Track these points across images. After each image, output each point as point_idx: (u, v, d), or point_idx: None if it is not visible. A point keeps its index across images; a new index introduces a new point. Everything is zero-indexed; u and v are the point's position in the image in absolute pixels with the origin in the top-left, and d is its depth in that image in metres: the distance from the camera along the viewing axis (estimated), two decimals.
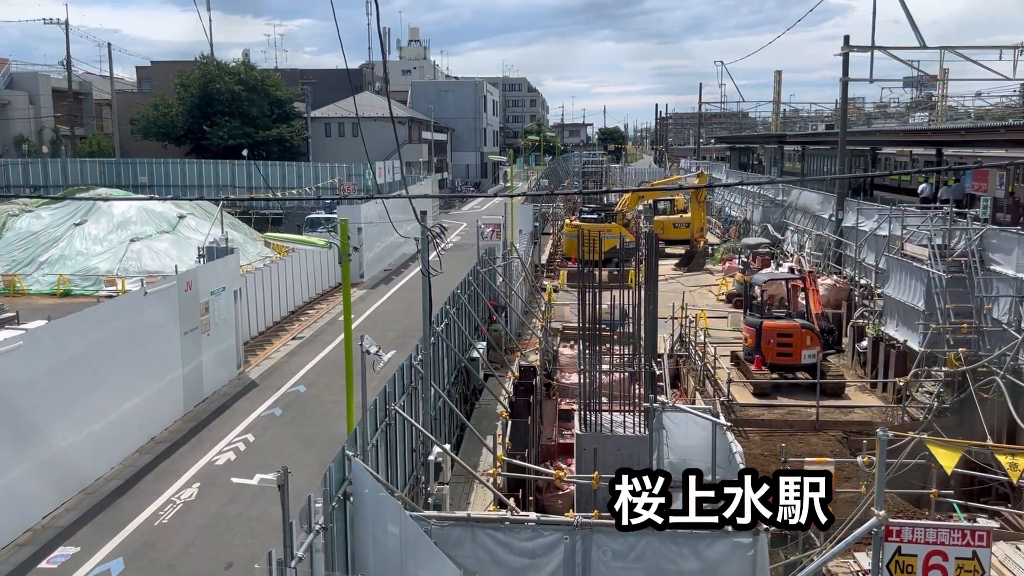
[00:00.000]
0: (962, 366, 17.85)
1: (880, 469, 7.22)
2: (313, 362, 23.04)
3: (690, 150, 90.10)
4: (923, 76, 38.85)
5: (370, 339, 11.24)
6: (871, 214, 26.42)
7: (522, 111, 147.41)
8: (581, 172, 72.66)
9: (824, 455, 15.65)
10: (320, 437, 17.00)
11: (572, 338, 23.58)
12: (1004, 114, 55.96)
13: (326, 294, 31.91)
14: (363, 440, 9.70)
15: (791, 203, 37.02)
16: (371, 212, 34.07)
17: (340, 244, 12.57)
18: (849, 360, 23.66)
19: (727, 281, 32.08)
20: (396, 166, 53.83)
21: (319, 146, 64.37)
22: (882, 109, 68.57)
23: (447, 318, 16.87)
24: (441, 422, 15.47)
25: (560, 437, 19.29)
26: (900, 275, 21.39)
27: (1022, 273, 18.13)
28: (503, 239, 28.49)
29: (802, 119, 78.77)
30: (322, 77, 73.58)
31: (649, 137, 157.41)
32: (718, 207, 52.24)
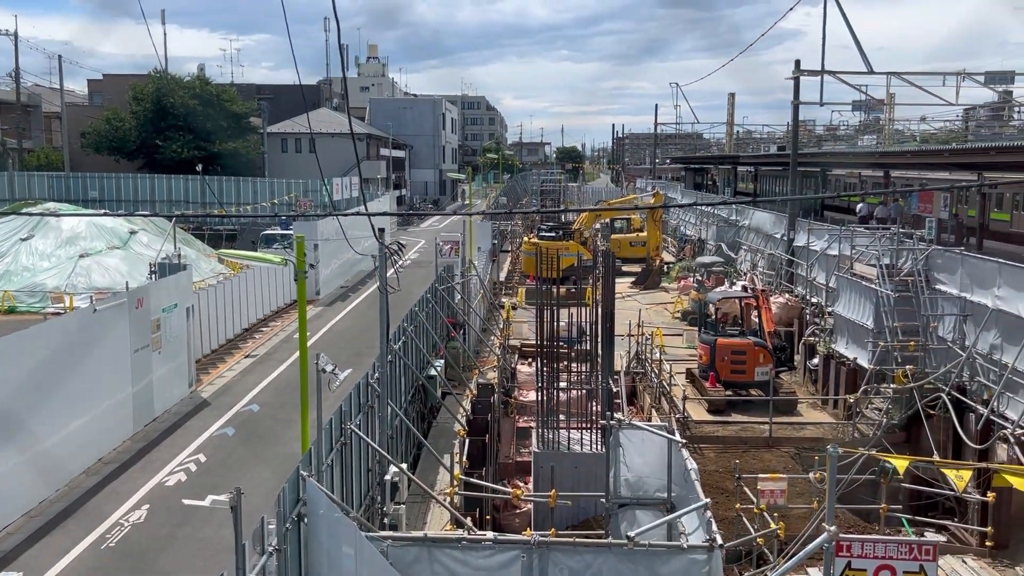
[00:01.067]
0: (909, 383, 18.28)
1: (830, 485, 7.35)
2: (267, 380, 22.72)
3: (646, 170, 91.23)
4: (871, 100, 39.96)
5: (326, 357, 11.13)
6: (821, 234, 27.00)
7: (481, 129, 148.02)
8: (539, 190, 73.07)
9: (777, 471, 15.88)
10: (274, 457, 16.74)
11: (530, 355, 23.64)
12: (948, 138, 57.68)
13: (281, 311, 31.53)
14: (318, 460, 9.59)
15: (744, 223, 37.67)
16: (328, 229, 33.82)
17: (296, 261, 12.46)
18: (801, 377, 24.06)
19: (682, 299, 32.46)
20: (354, 182, 53.59)
21: (275, 162, 63.81)
22: (832, 132, 70.23)
23: (404, 336, 16.79)
24: (398, 441, 15.36)
25: (518, 455, 19.27)
26: (850, 294, 21.87)
27: (966, 292, 18.66)
28: (461, 256, 28.51)
29: (755, 140, 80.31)
30: (279, 92, 73.03)
31: (606, 156, 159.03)
32: (673, 226, 52.92)
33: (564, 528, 12.37)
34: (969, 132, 59.96)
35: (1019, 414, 15.74)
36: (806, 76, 29.36)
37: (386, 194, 60.99)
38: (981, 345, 17.74)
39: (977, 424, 16.62)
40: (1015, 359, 16.38)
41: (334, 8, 8.81)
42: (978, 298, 18.13)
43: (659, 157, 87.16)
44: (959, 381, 17.79)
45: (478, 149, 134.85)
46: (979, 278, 18.26)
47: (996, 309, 17.31)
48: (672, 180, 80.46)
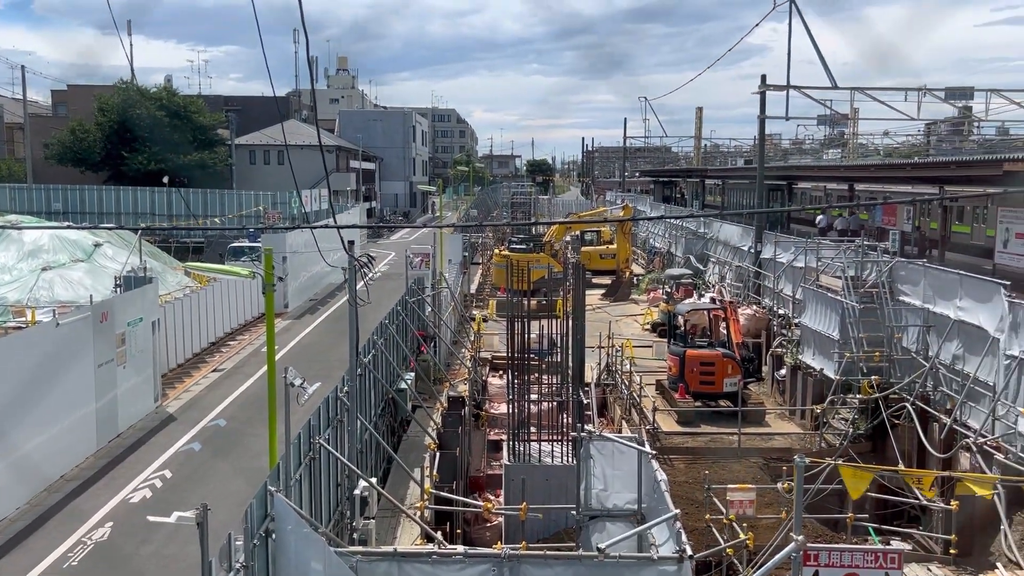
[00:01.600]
0: (875, 393, 18.55)
1: (797, 495, 7.43)
2: (234, 395, 22.45)
3: (616, 183, 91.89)
4: (835, 114, 40.64)
5: (294, 371, 11.04)
6: (788, 246, 27.36)
7: (451, 142, 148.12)
8: (510, 203, 73.26)
9: (746, 482, 15.98)
10: (241, 472, 16.53)
11: (501, 368, 23.62)
12: (910, 152, 58.91)
13: (249, 324, 31.21)
14: (286, 475, 9.50)
15: (712, 235, 38.06)
16: (297, 241, 33.59)
17: (264, 274, 12.36)
18: (769, 388, 24.31)
19: (652, 311, 32.66)
20: (323, 194, 53.32)
21: (244, 174, 63.30)
22: (798, 145, 71.36)
23: (374, 349, 16.70)
24: (367, 455, 15.24)
25: (489, 468, 19.22)
26: (816, 305, 22.17)
27: (929, 304, 19.00)
28: (432, 269, 28.45)
29: (722, 154, 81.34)
30: (247, 104, 72.57)
31: (576, 169, 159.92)
32: (643, 238, 53.31)
33: (535, 541, 12.34)
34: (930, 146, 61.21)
35: (981, 423, 16.04)
36: (772, 91, 29.82)
37: (356, 206, 60.70)
38: (944, 355, 18.07)
39: (941, 433, 16.90)
40: (976, 369, 16.71)
41: (302, 20, 8.77)
42: (940, 309, 18.47)
43: (628, 170, 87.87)
44: (923, 391, 18.10)
45: (448, 161, 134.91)
46: (941, 289, 18.62)
47: (958, 320, 17.65)
48: (641, 193, 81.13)
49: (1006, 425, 15.41)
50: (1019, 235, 26.78)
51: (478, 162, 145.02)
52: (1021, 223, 26.71)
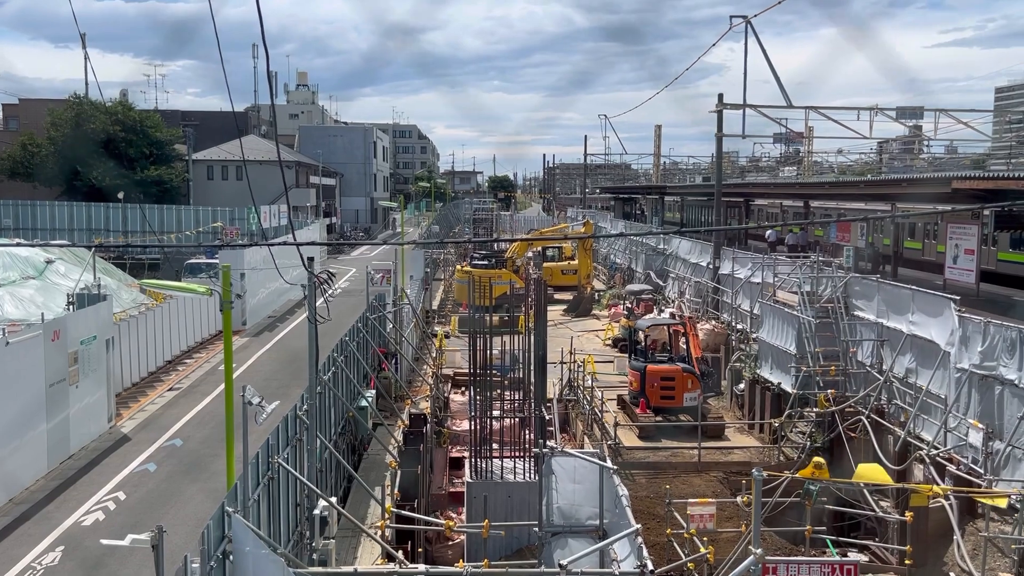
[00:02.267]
0: (831, 407, 18.85)
1: (756, 508, 7.51)
2: (191, 414, 22.06)
3: (577, 199, 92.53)
4: (791, 133, 41.42)
5: (252, 389, 10.89)
6: (745, 262, 27.77)
7: (413, 157, 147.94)
8: (472, 219, 73.35)
9: (706, 496, 16.11)
10: (198, 493, 16.22)
11: (463, 384, 23.55)
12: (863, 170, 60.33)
13: (206, 342, 30.73)
14: (244, 495, 9.34)
15: (672, 251, 38.49)
16: (255, 258, 33.19)
17: (222, 291, 12.19)
18: (728, 402, 24.57)
19: (613, 326, 32.87)
20: (282, 210, 52.82)
21: (201, 189, 62.47)
22: (755, 163, 72.62)
23: (335, 366, 16.55)
24: (327, 474, 15.06)
25: (451, 485, 19.12)
26: (773, 320, 22.50)
27: (882, 318, 19.41)
28: (393, 285, 28.31)
29: (681, 171, 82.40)
30: (205, 119, 71.74)
31: (538, 186, 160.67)
32: (604, 254, 53.72)
33: (498, 558, 12.29)
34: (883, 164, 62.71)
35: (933, 435, 16.38)
36: (729, 109, 30.35)
37: (316, 222, 60.24)
38: (897, 369, 18.46)
39: (895, 446, 17.23)
40: (928, 382, 17.09)
41: (263, 35, 8.73)
42: (894, 324, 18.88)
43: (589, 187, 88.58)
44: (878, 404, 18.44)
45: (410, 177, 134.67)
46: (894, 304, 19.04)
47: (910, 334, 18.06)
48: (602, 209, 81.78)
49: (957, 437, 15.77)
50: (968, 251, 27.51)
51: (440, 178, 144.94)
52: (970, 239, 27.45)
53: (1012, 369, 14.61)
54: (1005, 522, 13.83)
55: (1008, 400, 14.76)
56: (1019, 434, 14.21)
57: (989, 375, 15.21)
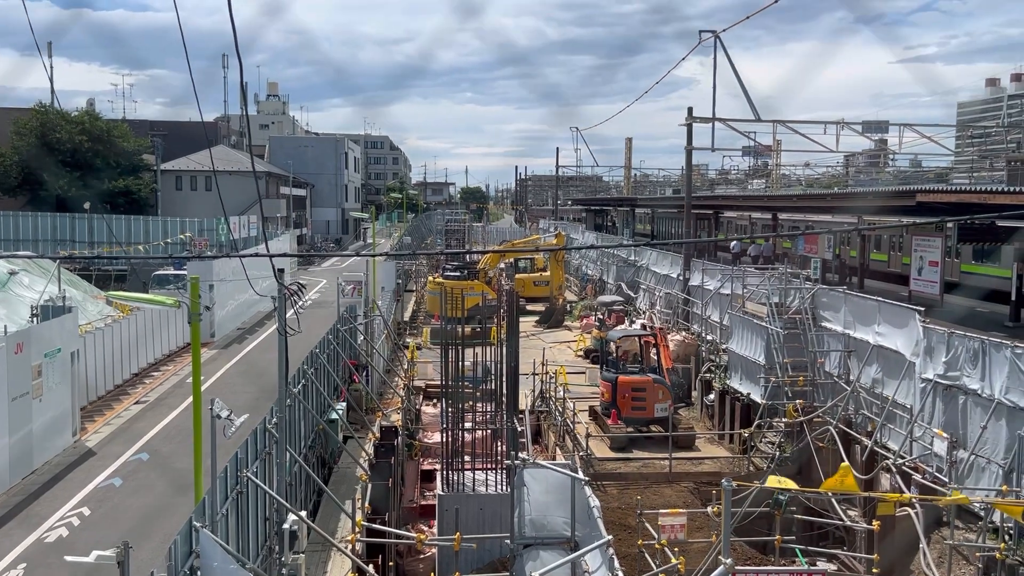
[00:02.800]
0: (799, 417, 19.05)
1: (725, 518, 7.56)
2: (158, 428, 21.73)
3: (549, 211, 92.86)
4: (759, 146, 41.98)
5: (220, 402, 10.76)
6: (715, 274, 28.03)
7: (384, 168, 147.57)
8: (444, 230, 73.28)
9: (677, 506, 16.18)
10: (165, 508, 15.97)
11: (435, 396, 23.47)
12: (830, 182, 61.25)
13: (174, 355, 30.33)
14: (212, 510, 9.23)
15: (643, 263, 38.75)
16: (224, 269, 32.87)
17: (190, 302, 12.06)
18: (698, 413, 24.73)
19: (585, 337, 32.97)
20: (252, 221, 52.39)
21: (170, 200, 61.81)
22: (724, 176, 73.42)
23: (304, 379, 16.42)
24: (297, 488, 14.92)
25: (422, 498, 19.03)
26: (742, 331, 22.72)
27: (849, 329, 19.68)
28: (364, 297, 28.18)
29: (651, 184, 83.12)
30: (174, 129, 71.00)
31: (510, 197, 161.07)
32: (575, 266, 53.91)
33: (469, 571, 12.25)
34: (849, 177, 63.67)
35: (900, 444, 16.62)
36: (698, 123, 30.69)
37: (286, 233, 59.82)
38: (864, 379, 18.71)
39: (862, 455, 17.44)
40: (894, 392, 17.34)
41: (236, 45, 8.68)
42: (860, 334, 19.15)
43: (561, 198, 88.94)
44: (845, 414, 18.67)
45: (382, 188, 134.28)
46: (861, 316, 19.32)
47: (877, 345, 18.32)
48: (574, 221, 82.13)
49: (923, 446, 16.01)
50: (932, 263, 28.00)
51: (412, 189, 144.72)
52: (934, 252, 27.95)
53: (975, 379, 14.88)
54: (969, 530, 14.05)
55: (971, 410, 15.02)
56: (982, 443, 14.47)
57: (953, 385, 15.48)
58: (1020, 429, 13.36)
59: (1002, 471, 13.81)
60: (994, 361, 14.44)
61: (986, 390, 14.58)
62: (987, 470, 14.37)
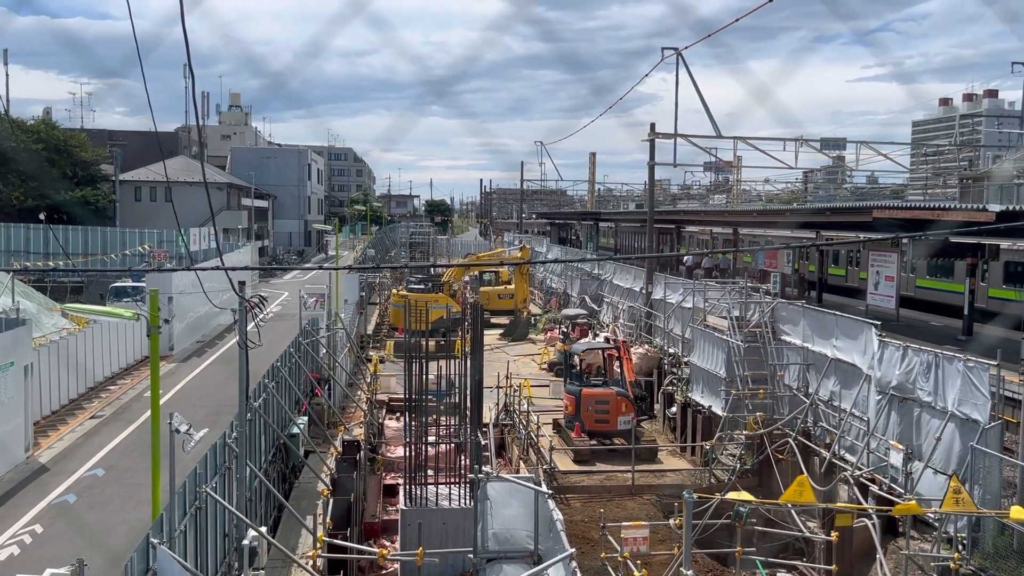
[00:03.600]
0: (760, 429, 19.29)
1: (687, 530, 7.63)
2: (114, 443, 21.31)
3: (514, 224, 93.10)
4: (720, 162, 42.55)
5: (180, 417, 10.60)
6: (677, 287, 28.32)
7: (348, 180, 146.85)
8: (408, 243, 73.08)
9: (640, 519, 16.26)
10: (121, 525, 15.65)
11: (398, 410, 23.34)
12: (790, 198, 62.31)
13: (131, 368, 29.79)
14: (170, 526, 9.08)
15: (606, 277, 39.01)
16: (184, 281, 32.41)
17: (149, 315, 11.88)
18: (661, 425, 24.90)
19: (549, 350, 33.05)
20: (212, 233, 51.73)
21: (128, 211, 60.83)
22: (686, 191, 74.29)
23: (265, 392, 16.24)
24: (257, 503, 14.72)
25: (384, 513, 18.88)
26: (704, 344, 22.96)
27: (808, 343, 20.00)
28: (327, 309, 27.96)
29: (615, 198, 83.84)
30: (133, 139, 70.00)
31: (475, 210, 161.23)
32: (540, 279, 54.11)
33: None
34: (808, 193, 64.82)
35: (857, 456, 16.90)
36: (661, 139, 31.07)
37: (247, 245, 59.18)
38: (822, 392, 19.02)
39: (821, 467, 17.70)
40: (852, 404, 17.65)
41: (188, 56, 8.62)
42: (819, 348, 19.47)
43: (526, 212, 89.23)
44: (804, 426, 18.95)
45: (345, 200, 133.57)
46: (819, 329, 19.65)
47: (835, 358, 18.64)
48: (538, 234, 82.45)
49: (879, 457, 16.30)
50: (888, 278, 28.60)
51: (376, 201, 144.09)
52: (890, 267, 28.55)
53: (929, 391, 15.21)
54: (924, 540, 14.33)
55: (925, 421, 15.35)
56: (936, 454, 14.78)
57: (907, 397, 15.80)
58: (971, 440, 13.67)
59: None
60: (947, 374, 14.78)
61: (939, 402, 14.91)
62: (940, 481, 14.68)
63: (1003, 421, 14.16)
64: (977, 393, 13.96)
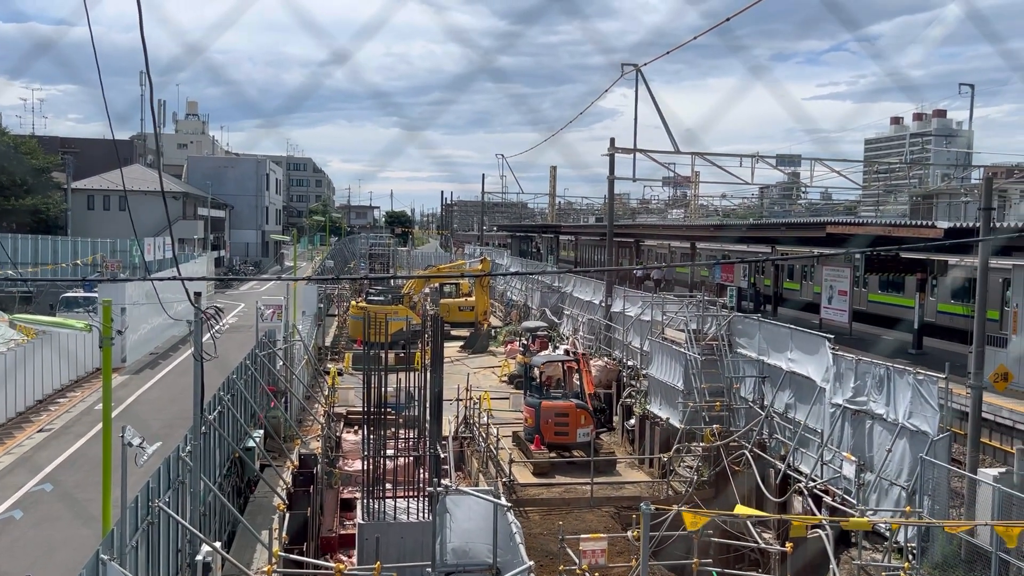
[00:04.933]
0: (716, 441, 19.50)
1: (644, 542, 7.69)
2: (63, 456, 20.79)
3: (474, 236, 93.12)
4: (678, 177, 43.08)
5: (132, 430, 10.40)
6: (636, 301, 28.56)
7: (307, 191, 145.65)
8: (368, 254, 72.63)
9: (598, 531, 16.31)
10: (70, 541, 15.26)
11: (356, 423, 23.14)
12: (746, 213, 63.37)
13: (82, 380, 29.12)
14: (121, 541, 8.89)
15: (567, 290, 39.19)
16: (138, 292, 31.82)
17: (102, 326, 11.64)
18: (619, 437, 25.03)
19: (509, 363, 33.05)
20: (168, 243, 50.93)
21: (81, 219, 59.58)
22: (645, 205, 75.11)
23: (221, 405, 15.99)
24: (211, 518, 14.47)
25: (341, 528, 18.68)
26: (662, 357, 23.17)
27: (763, 356, 20.29)
28: (284, 321, 27.65)
29: (575, 211, 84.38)
30: (87, 147, 68.67)
31: (435, 222, 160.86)
32: (501, 291, 54.15)
33: None
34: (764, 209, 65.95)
35: (811, 468, 17.17)
36: (620, 153, 31.39)
37: (203, 255, 58.33)
38: (778, 404, 19.31)
39: (776, 478, 17.95)
40: (806, 416, 17.94)
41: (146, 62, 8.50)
42: (774, 361, 19.77)
43: (487, 224, 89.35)
44: (760, 438, 19.20)
45: (304, 211, 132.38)
46: (774, 342, 19.96)
47: (789, 371, 18.94)
48: (499, 247, 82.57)
49: (833, 469, 16.58)
50: (842, 292, 29.16)
51: (335, 212, 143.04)
52: (843, 281, 29.12)
53: (880, 404, 15.53)
54: (876, 550, 14.59)
55: (877, 433, 15.66)
56: (887, 466, 15.09)
57: (860, 410, 16.12)
58: (921, 452, 13.98)
59: (905, 492, 14.40)
60: (898, 387, 15.11)
61: (891, 415, 15.23)
62: (892, 491, 14.98)
63: (951, 433, 14.52)
64: (926, 406, 14.30)
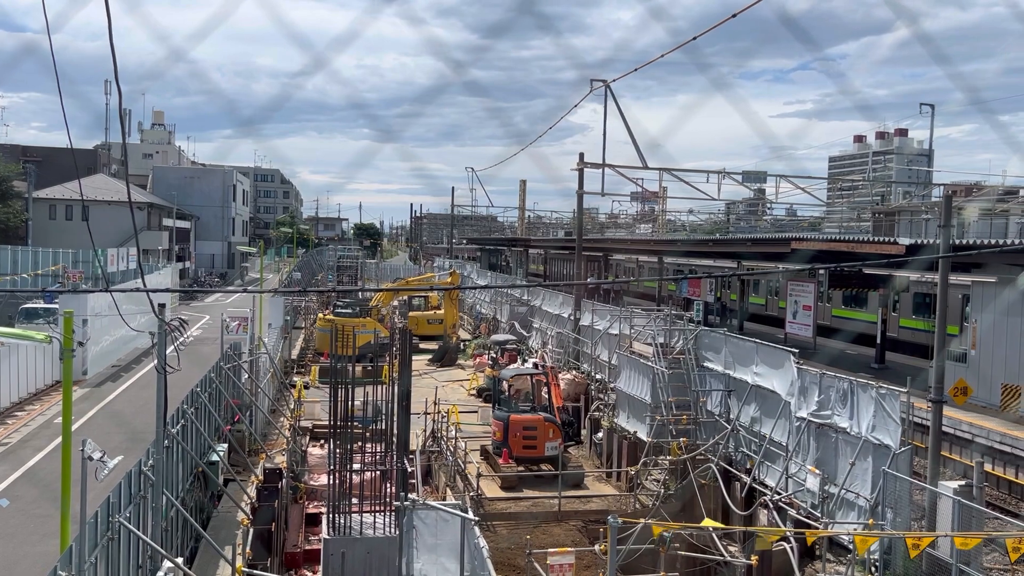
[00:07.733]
0: (683, 454, 19.61)
1: (611, 555, 7.70)
2: (20, 471, 20.30)
3: (444, 249, 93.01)
4: (646, 192, 43.47)
5: (93, 444, 10.19)
6: (604, 314, 28.69)
7: (275, 202, 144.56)
8: (336, 266, 72.16)
9: (566, 545, 16.29)
10: (26, 558, 14.89)
11: (323, 437, 22.90)
12: (713, 228, 64.04)
13: (41, 393, 28.51)
14: (80, 558, 8.70)
15: (535, 303, 39.26)
16: (100, 303, 31.28)
17: (63, 338, 11.43)
18: (587, 451, 25.07)
19: (478, 376, 32.98)
20: (131, 253, 50.21)
21: (43, 229, 58.52)
22: (613, 220, 75.64)
23: (184, 419, 15.75)
24: (174, 533, 14.22)
25: (307, 543, 18.43)
26: (630, 371, 23.29)
27: (729, 370, 20.48)
28: (250, 333, 27.34)
29: (545, 225, 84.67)
30: (49, 155, 67.62)
31: (405, 235, 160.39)
32: (470, 304, 54.08)
33: None
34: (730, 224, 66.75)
35: (776, 481, 17.33)
36: (589, 168, 31.61)
37: (168, 267, 57.56)
38: (743, 418, 19.48)
39: (742, 492, 18.09)
40: (771, 430, 18.12)
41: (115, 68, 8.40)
42: (740, 375, 19.96)
43: (456, 237, 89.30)
44: (726, 452, 19.35)
45: (271, 222, 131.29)
46: (740, 356, 20.16)
47: (755, 385, 19.13)
48: (469, 260, 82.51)
49: (797, 482, 16.75)
50: (806, 307, 29.59)
51: (303, 224, 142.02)
52: (807, 296, 29.55)
53: (844, 418, 15.74)
54: (840, 563, 14.75)
55: (841, 447, 15.86)
56: (851, 479, 15.28)
57: (824, 423, 16.32)
58: (884, 465, 14.18)
59: (868, 505, 14.60)
60: (861, 401, 15.33)
61: (854, 428, 15.44)
62: (855, 505, 15.17)
63: (912, 446, 14.76)
64: (889, 420, 14.52)
